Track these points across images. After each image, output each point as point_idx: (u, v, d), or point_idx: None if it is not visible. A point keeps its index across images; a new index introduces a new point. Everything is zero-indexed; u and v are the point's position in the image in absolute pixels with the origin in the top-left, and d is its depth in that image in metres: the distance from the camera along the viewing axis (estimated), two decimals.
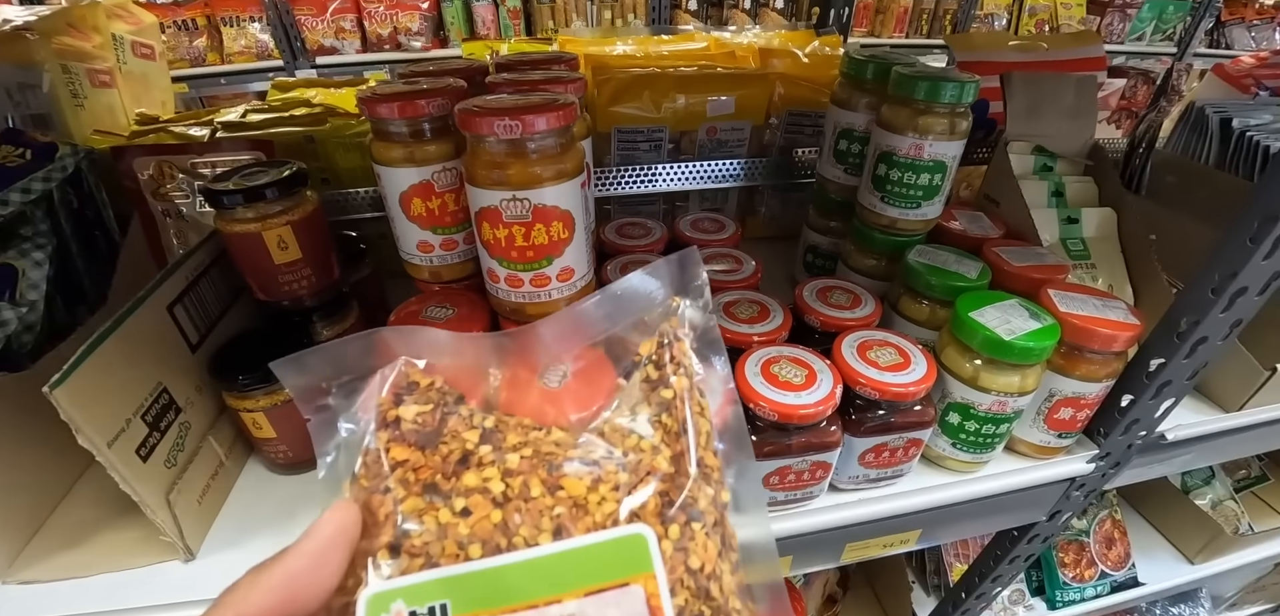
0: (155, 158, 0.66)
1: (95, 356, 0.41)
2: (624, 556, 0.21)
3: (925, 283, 0.55)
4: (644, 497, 0.23)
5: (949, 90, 0.54)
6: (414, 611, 0.21)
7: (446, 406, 0.25)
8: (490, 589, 0.21)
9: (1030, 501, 0.60)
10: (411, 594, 0.21)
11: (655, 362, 0.26)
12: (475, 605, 0.21)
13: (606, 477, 0.23)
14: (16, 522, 0.52)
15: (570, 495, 0.23)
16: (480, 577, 0.21)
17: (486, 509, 0.22)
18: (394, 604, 0.21)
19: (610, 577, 0.21)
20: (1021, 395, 0.50)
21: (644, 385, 0.26)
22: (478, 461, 0.24)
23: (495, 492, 0.23)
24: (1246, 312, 0.49)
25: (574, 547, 0.22)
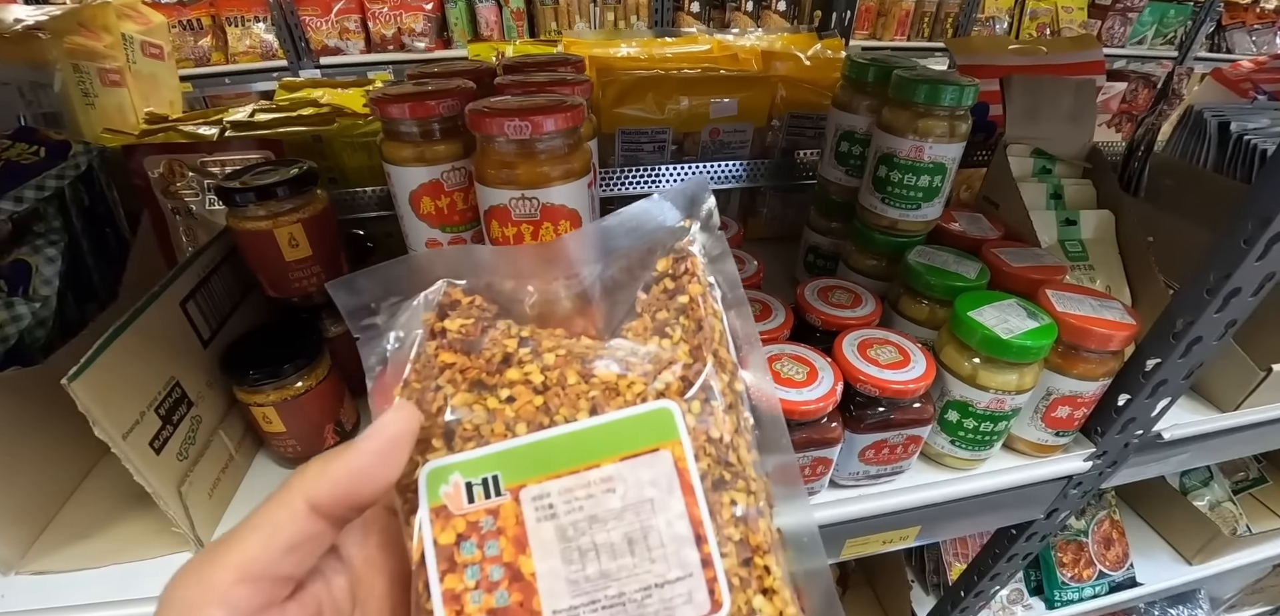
0: (166, 156, 0.67)
1: (111, 350, 0.42)
2: (653, 427, 0.25)
3: (925, 283, 0.56)
4: (668, 380, 0.26)
5: (948, 94, 0.54)
6: (469, 482, 0.24)
7: (486, 320, 0.28)
8: (536, 459, 0.24)
9: (1028, 499, 0.61)
10: (466, 467, 0.24)
11: (671, 275, 0.29)
12: (523, 474, 0.24)
13: (633, 368, 0.26)
14: (29, 515, 0.53)
15: (602, 381, 0.26)
16: (526, 450, 0.24)
17: (528, 395, 0.25)
18: (452, 476, 0.24)
19: (642, 445, 0.24)
20: (1019, 393, 0.50)
21: (662, 295, 0.29)
22: (518, 361, 0.26)
23: (536, 382, 0.26)
24: (1240, 313, 0.50)
25: (609, 421, 0.25)
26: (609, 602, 0.23)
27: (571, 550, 0.23)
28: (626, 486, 0.24)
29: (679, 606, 0.23)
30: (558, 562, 0.23)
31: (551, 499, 0.24)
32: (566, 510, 0.24)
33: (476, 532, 0.23)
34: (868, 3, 2.70)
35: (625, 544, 0.23)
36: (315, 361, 0.53)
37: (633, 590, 0.23)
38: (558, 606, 0.23)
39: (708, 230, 0.30)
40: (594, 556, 0.23)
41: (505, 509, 0.24)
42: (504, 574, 0.23)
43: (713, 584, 0.23)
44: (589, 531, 0.23)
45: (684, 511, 0.24)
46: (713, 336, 0.27)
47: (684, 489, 0.24)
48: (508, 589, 0.23)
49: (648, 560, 0.23)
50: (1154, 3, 2.97)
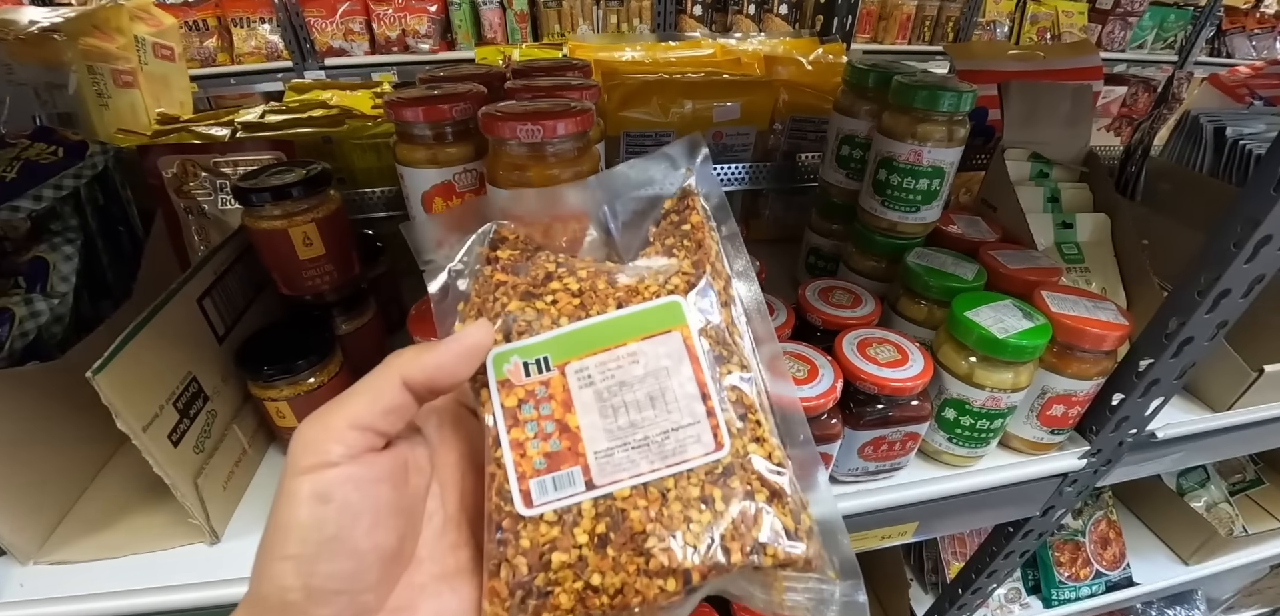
0: (179, 156, 0.68)
1: (133, 345, 0.44)
2: (666, 315, 0.32)
3: (923, 283, 0.58)
4: (676, 282, 0.33)
5: (947, 99, 0.56)
6: (525, 361, 0.31)
7: (529, 251, 0.35)
8: (576, 342, 0.31)
9: (1024, 496, 0.62)
10: (522, 351, 0.31)
11: (676, 210, 0.36)
12: (567, 354, 0.31)
13: (649, 276, 0.33)
14: (46, 505, 0.54)
15: (625, 285, 0.33)
16: (568, 336, 0.31)
17: (568, 298, 0.32)
18: (511, 358, 0.31)
19: (657, 328, 0.31)
20: (1014, 391, 0.52)
21: (669, 226, 0.36)
22: (558, 276, 0.33)
23: (573, 289, 0.33)
24: (1231, 314, 0.51)
25: (631, 312, 0.32)
26: (637, 443, 0.29)
27: (607, 407, 0.30)
28: (647, 358, 0.31)
29: (690, 445, 0.29)
30: (596, 416, 0.30)
31: (590, 370, 0.31)
32: (602, 378, 0.30)
33: (533, 398, 0.30)
34: (869, 6, 2.72)
35: (648, 400, 0.30)
36: (327, 358, 0.55)
37: (654, 433, 0.29)
38: (598, 448, 0.29)
39: (704, 174, 0.37)
40: (624, 410, 0.30)
41: (554, 380, 0.30)
42: (555, 427, 0.30)
43: (716, 430, 0.29)
44: (620, 392, 0.30)
45: (692, 376, 0.30)
46: (710, 253, 0.34)
47: (691, 360, 0.31)
48: (558, 437, 0.29)
49: (665, 412, 0.30)
50: (1154, 7, 2.99)
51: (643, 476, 0.29)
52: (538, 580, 0.28)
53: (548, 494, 0.29)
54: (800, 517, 0.30)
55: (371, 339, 0.63)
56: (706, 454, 0.29)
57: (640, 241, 0.36)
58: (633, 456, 0.29)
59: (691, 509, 0.28)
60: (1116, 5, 2.94)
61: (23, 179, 0.57)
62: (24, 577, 0.51)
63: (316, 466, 0.26)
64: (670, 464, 0.29)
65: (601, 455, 0.29)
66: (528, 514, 0.28)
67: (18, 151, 0.59)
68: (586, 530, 0.28)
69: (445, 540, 0.31)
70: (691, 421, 0.30)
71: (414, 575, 0.29)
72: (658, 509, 0.28)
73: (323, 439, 0.26)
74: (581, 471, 0.29)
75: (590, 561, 0.28)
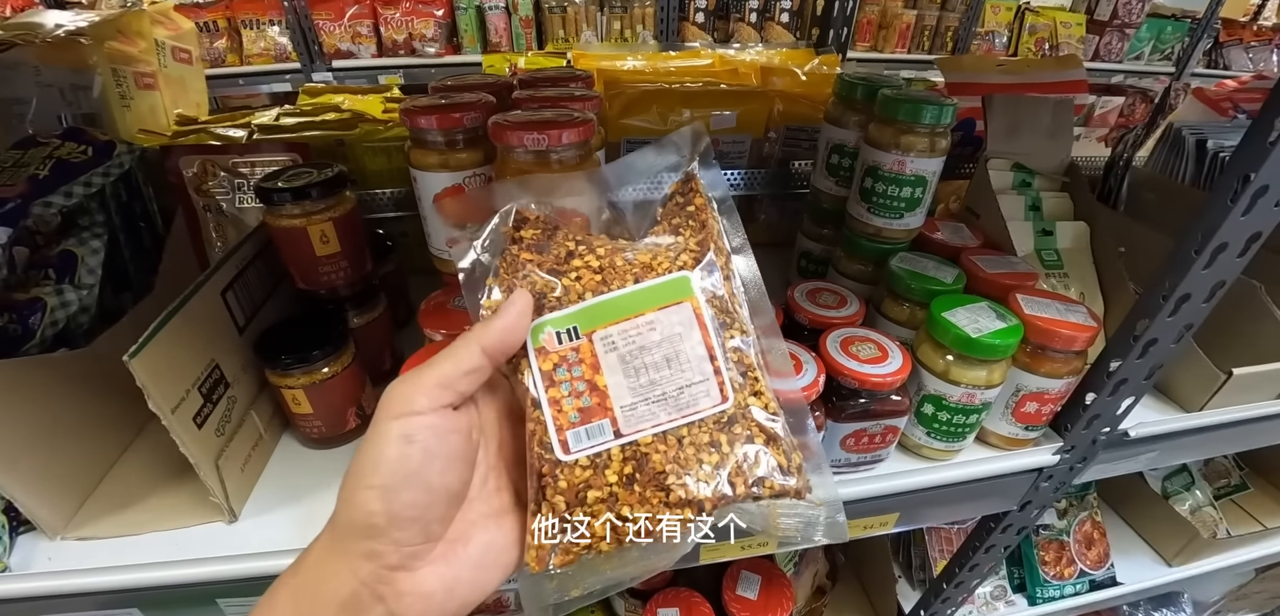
0: (200, 157, 0.72)
1: (163, 333, 0.47)
2: (677, 288, 0.37)
3: (905, 285, 0.61)
4: (685, 259, 0.38)
5: (929, 112, 0.59)
6: (558, 331, 0.36)
7: (549, 230, 0.39)
8: (601, 313, 0.36)
9: (1001, 489, 0.65)
10: (555, 323, 0.36)
11: (681, 194, 0.41)
12: (593, 323, 0.36)
13: (660, 252, 0.38)
14: (74, 484, 0.57)
15: (640, 261, 0.38)
16: (593, 308, 0.36)
17: (590, 274, 0.37)
18: (546, 329, 0.36)
19: (670, 300, 0.36)
20: (988, 388, 0.55)
21: (675, 207, 0.41)
22: (579, 254, 0.38)
23: (594, 266, 0.38)
24: (1194, 318, 0.54)
25: (647, 286, 0.37)
26: (656, 397, 0.35)
27: (629, 368, 0.35)
28: (662, 326, 0.36)
29: (701, 398, 0.35)
30: (621, 377, 0.35)
31: (614, 337, 0.36)
32: (624, 343, 0.36)
33: (566, 362, 0.35)
34: (869, 15, 2.75)
35: (664, 361, 0.35)
36: (341, 349, 0.58)
37: (670, 389, 0.35)
38: (623, 402, 0.35)
39: (705, 161, 0.42)
40: (645, 371, 0.35)
41: (583, 347, 0.36)
42: (586, 386, 0.35)
43: (722, 385, 0.35)
44: (640, 355, 0.35)
45: (701, 341, 0.36)
46: (712, 232, 0.39)
47: (700, 326, 0.36)
48: (589, 395, 0.35)
49: (679, 370, 0.35)
50: (1152, 19, 3.02)
51: (662, 425, 0.34)
52: (576, 514, 0.34)
53: (582, 442, 0.34)
54: (792, 456, 0.35)
55: (381, 332, 0.66)
56: (714, 405, 0.35)
57: (649, 221, 0.41)
58: (653, 409, 0.35)
59: (703, 451, 0.34)
60: (1114, 17, 2.98)
61: (55, 176, 0.60)
62: (52, 551, 0.54)
63: (406, 413, 0.31)
64: (685, 414, 0.34)
65: (626, 408, 0.35)
66: (566, 459, 0.34)
67: (50, 150, 0.62)
68: (616, 471, 0.34)
69: (489, 484, 0.36)
70: (701, 379, 0.35)
71: (467, 513, 0.35)
72: (675, 451, 0.34)
73: (412, 392, 0.32)
74: (610, 422, 0.34)
75: (620, 496, 0.33)
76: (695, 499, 0.33)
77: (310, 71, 2.19)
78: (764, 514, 0.36)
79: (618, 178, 0.42)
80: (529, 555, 0.34)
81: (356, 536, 0.31)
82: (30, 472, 0.52)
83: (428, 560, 0.33)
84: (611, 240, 0.40)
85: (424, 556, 0.32)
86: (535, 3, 2.23)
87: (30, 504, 0.52)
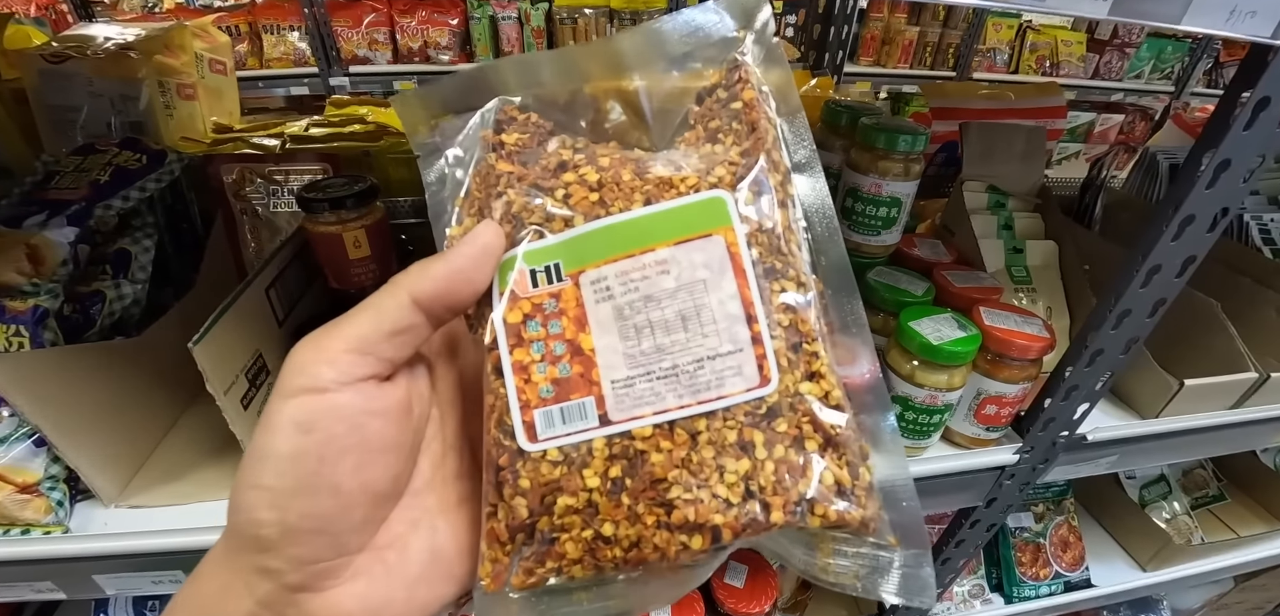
0: (239, 164, 0.79)
1: (220, 324, 0.53)
2: (706, 214, 0.26)
3: (879, 296, 0.67)
4: (721, 173, 0.27)
5: (903, 140, 0.65)
6: (533, 269, 0.26)
7: (542, 135, 0.29)
8: (593, 246, 0.26)
9: (966, 485, 0.71)
10: (530, 257, 0.26)
11: (724, 85, 0.29)
12: (582, 260, 0.26)
13: (686, 166, 0.27)
14: (126, 458, 0.64)
15: (657, 178, 0.27)
16: (583, 238, 0.26)
17: (584, 192, 0.27)
18: (517, 266, 0.26)
19: (694, 230, 0.26)
20: (949, 391, 0.61)
21: (715, 105, 0.29)
22: (573, 165, 0.28)
23: (591, 181, 0.27)
24: (1139, 331, 0.60)
25: (662, 209, 0.26)
26: (663, 373, 0.25)
27: (628, 326, 0.26)
28: (680, 268, 0.26)
29: (729, 378, 0.25)
30: (615, 338, 0.25)
31: (609, 281, 0.26)
32: (623, 291, 0.26)
33: (541, 313, 0.26)
34: (873, 31, 2.81)
35: (679, 320, 0.25)
36: None
37: (685, 362, 0.25)
38: (616, 377, 0.25)
39: (762, 41, 0.30)
40: (649, 332, 0.25)
41: (566, 292, 0.26)
42: (566, 349, 0.26)
43: (762, 360, 0.25)
44: (645, 309, 0.25)
45: (736, 292, 0.25)
46: (766, 138, 0.28)
47: (736, 271, 0.25)
48: (570, 361, 0.25)
49: (700, 335, 0.25)
50: (1152, 38, 3.07)
51: (669, 413, 0.25)
52: (540, 524, 0.25)
53: (554, 427, 0.25)
54: (859, 472, 0.25)
55: None
56: (749, 389, 0.25)
57: (679, 120, 0.30)
58: (657, 389, 0.25)
59: (726, 455, 0.25)
60: (1114, 36, 3.03)
61: (114, 181, 0.67)
62: (107, 517, 0.61)
63: (302, 390, 0.23)
64: (703, 400, 0.25)
65: (620, 385, 0.25)
66: (531, 449, 0.25)
67: (109, 157, 0.69)
68: (598, 472, 0.25)
69: (445, 469, 0.28)
70: (732, 349, 0.25)
71: (407, 508, 0.27)
72: (685, 452, 0.25)
73: (313, 361, 0.24)
74: (595, 403, 0.25)
75: (601, 508, 0.24)
76: (708, 523, 0.24)
77: (327, 76, 2.26)
78: (810, 545, 0.26)
79: (636, 58, 0.30)
80: (483, 568, 0.26)
81: (247, 549, 0.24)
82: (90, 446, 0.59)
83: (343, 577, 0.25)
84: (624, 150, 0.29)
85: (338, 573, 0.25)
86: (547, 13, 2.30)
87: (90, 474, 0.59)
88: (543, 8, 2.28)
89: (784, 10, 2.57)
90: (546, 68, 0.30)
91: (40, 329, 0.57)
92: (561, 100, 0.30)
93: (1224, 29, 0.41)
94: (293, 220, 0.79)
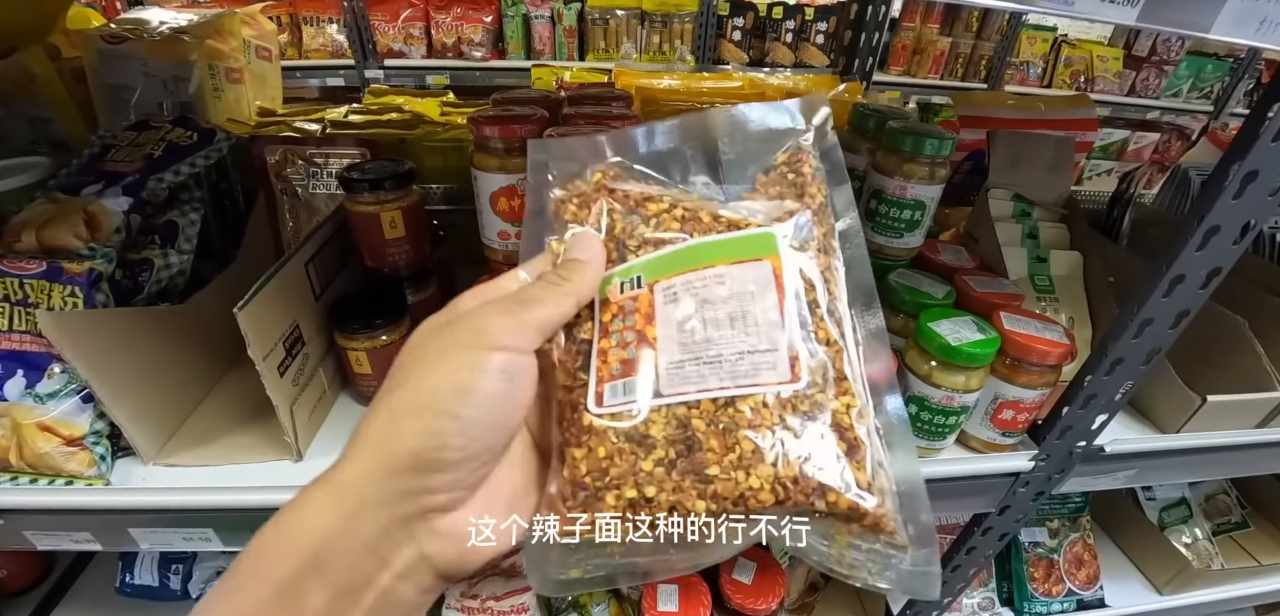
0: (282, 146, 0.82)
1: (262, 293, 0.56)
2: (759, 244, 0.33)
3: (900, 298, 0.67)
4: (776, 218, 0.34)
5: (929, 145, 0.66)
6: (623, 282, 0.33)
7: (630, 178, 0.37)
8: (669, 263, 0.33)
9: (980, 490, 0.71)
10: (623, 272, 0.34)
11: (788, 164, 0.37)
12: (659, 273, 0.33)
13: (749, 213, 0.35)
14: (166, 419, 0.67)
15: (728, 219, 0.34)
16: (664, 258, 0.33)
17: (671, 222, 0.35)
18: (614, 281, 0.33)
19: (748, 255, 0.32)
20: (966, 392, 0.61)
21: (778, 178, 0.37)
22: (659, 199, 0.36)
23: (678, 214, 0.35)
24: (1160, 342, 0.60)
25: (726, 238, 0.33)
26: (709, 359, 0.30)
27: (686, 321, 0.31)
28: (733, 281, 0.32)
29: (763, 371, 0.30)
30: (674, 330, 0.31)
31: (676, 288, 0.32)
32: (686, 294, 0.32)
33: (622, 313, 0.32)
34: (904, 41, 2.80)
35: (727, 320, 0.31)
36: (399, 320, 0.67)
37: (729, 352, 0.30)
38: (670, 359, 0.31)
39: (821, 134, 0.37)
40: (702, 326, 0.31)
41: (643, 296, 0.32)
42: (634, 337, 0.31)
43: (794, 361, 0.30)
44: (701, 310, 0.31)
45: (776, 304, 0.31)
46: (814, 201, 0.35)
47: (778, 289, 0.31)
48: (635, 346, 0.31)
49: (743, 333, 0.30)
50: (1192, 57, 3.00)
51: (710, 390, 0.29)
52: (594, 482, 0.29)
53: (616, 397, 0.30)
54: (876, 474, 0.28)
55: (433, 310, 0.72)
56: (781, 383, 0.29)
57: (745, 184, 0.37)
58: (702, 371, 0.30)
59: (758, 435, 0.28)
60: (1152, 53, 2.97)
61: (166, 156, 0.71)
62: (145, 474, 0.64)
63: (509, 348, 0.29)
64: (742, 385, 0.29)
65: (673, 366, 0.30)
66: (597, 412, 0.30)
67: (163, 134, 0.73)
68: (650, 434, 0.29)
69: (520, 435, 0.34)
70: (768, 348, 0.30)
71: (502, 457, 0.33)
72: (722, 428, 0.29)
73: (513, 326, 0.30)
74: (652, 379, 0.30)
75: (648, 470, 0.29)
76: (736, 491, 0.28)
77: (363, 68, 2.31)
78: (827, 536, 0.29)
79: (724, 128, 0.38)
80: (537, 519, 0.31)
81: (414, 469, 0.27)
82: (134, 404, 0.62)
83: (468, 503, 0.30)
84: (700, 198, 0.36)
85: (466, 500, 0.30)
86: (579, 13, 2.33)
87: (132, 430, 0.62)
88: (575, 8, 2.31)
89: (815, 17, 2.56)
90: (659, 134, 0.39)
91: (94, 291, 0.60)
92: (662, 155, 0.38)
93: (1254, 39, 0.42)
94: (330, 202, 0.81)
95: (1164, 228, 0.97)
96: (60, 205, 0.64)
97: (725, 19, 2.44)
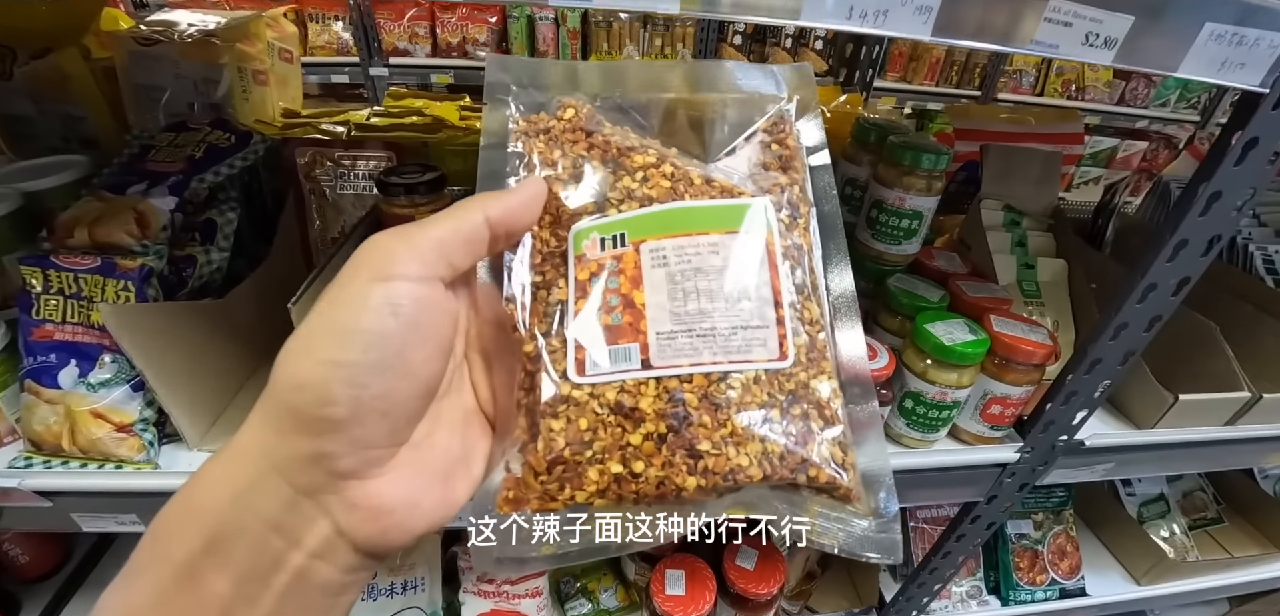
0: (312, 148, 0.86)
1: (314, 287, 0.60)
2: (753, 216, 0.31)
3: (898, 301, 0.72)
4: (765, 186, 0.33)
5: (927, 159, 0.70)
6: (603, 238, 0.31)
7: (597, 122, 0.34)
8: (657, 222, 0.31)
9: (969, 479, 0.76)
10: (602, 228, 0.31)
11: (769, 132, 0.36)
12: (645, 232, 0.31)
13: (738, 180, 0.34)
14: (209, 407, 0.71)
15: (720, 184, 0.33)
16: (652, 216, 0.31)
17: (660, 179, 0.32)
18: (591, 236, 0.31)
19: (741, 224, 0.31)
20: (959, 389, 0.66)
21: (760, 146, 0.35)
22: (637, 152, 0.33)
23: (667, 172, 0.33)
24: (1135, 344, 0.65)
25: (718, 204, 0.32)
26: (702, 332, 0.29)
27: (677, 290, 0.30)
28: (727, 252, 0.30)
29: (755, 348, 0.29)
30: (664, 297, 0.29)
31: (665, 251, 0.30)
32: (677, 260, 0.30)
33: (602, 271, 0.30)
34: (901, 47, 2.85)
35: (722, 292, 0.30)
36: None
37: (722, 326, 0.29)
38: (661, 328, 0.29)
39: (805, 105, 0.36)
40: (695, 297, 0.29)
41: (627, 256, 0.30)
42: (620, 301, 0.30)
43: (783, 341, 0.30)
44: (693, 279, 0.30)
45: (769, 281, 0.30)
46: (799, 177, 0.34)
47: (771, 266, 0.31)
48: (622, 311, 0.29)
49: (736, 307, 0.29)
50: None
51: (703, 365, 0.28)
52: (575, 455, 0.28)
53: (601, 366, 0.29)
54: (848, 451, 0.30)
55: None
56: (770, 360, 0.29)
57: (725, 144, 0.36)
58: (696, 344, 0.29)
59: (747, 411, 0.28)
60: None
61: (207, 157, 0.74)
62: (190, 459, 0.68)
63: (392, 276, 0.25)
64: (734, 360, 0.29)
65: (664, 337, 0.29)
66: (579, 381, 0.29)
67: (202, 135, 0.77)
68: (637, 405, 0.28)
69: (456, 380, 0.31)
70: (761, 325, 0.29)
71: (433, 413, 0.29)
72: (713, 403, 0.28)
73: (402, 251, 0.25)
74: (639, 349, 0.29)
75: (635, 444, 0.28)
76: (726, 466, 0.28)
77: (368, 66, 2.34)
78: (798, 506, 0.30)
79: (698, 78, 0.36)
80: (503, 495, 0.29)
81: (301, 429, 0.23)
82: (180, 392, 0.66)
83: (389, 467, 0.26)
84: (683, 154, 0.34)
85: (383, 463, 0.26)
86: (583, 16, 2.37)
87: (179, 417, 0.66)
88: (579, 10, 2.34)
89: None
90: (632, 77, 0.37)
91: (145, 286, 0.64)
92: (640, 103, 0.36)
93: (1217, 77, 0.47)
94: (357, 202, 0.85)
95: (1145, 236, 1.02)
96: (109, 203, 0.68)
97: (726, 23, 2.49)
